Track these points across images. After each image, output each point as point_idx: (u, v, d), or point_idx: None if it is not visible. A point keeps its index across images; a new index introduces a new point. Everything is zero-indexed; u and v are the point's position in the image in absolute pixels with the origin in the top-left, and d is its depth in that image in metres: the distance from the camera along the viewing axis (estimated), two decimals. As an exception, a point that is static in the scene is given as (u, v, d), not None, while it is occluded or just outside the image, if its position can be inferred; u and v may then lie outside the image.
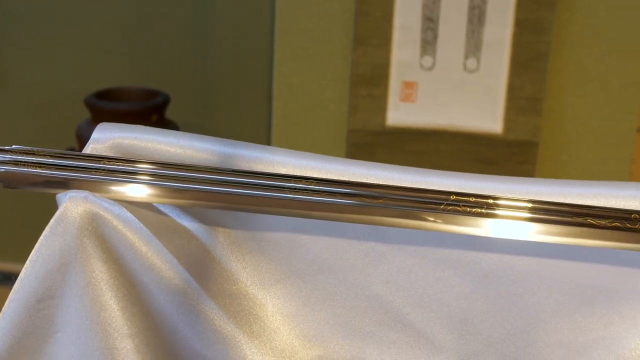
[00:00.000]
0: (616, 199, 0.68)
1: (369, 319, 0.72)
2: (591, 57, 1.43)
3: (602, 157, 1.50)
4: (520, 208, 0.66)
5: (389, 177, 0.70)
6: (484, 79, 1.39)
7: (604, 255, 0.69)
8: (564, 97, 1.46)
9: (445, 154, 1.43)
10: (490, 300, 0.71)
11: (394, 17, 1.38)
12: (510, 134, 1.41)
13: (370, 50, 1.39)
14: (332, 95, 1.45)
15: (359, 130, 1.42)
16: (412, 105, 1.41)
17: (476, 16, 1.37)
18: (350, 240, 0.71)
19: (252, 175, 0.67)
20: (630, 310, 0.69)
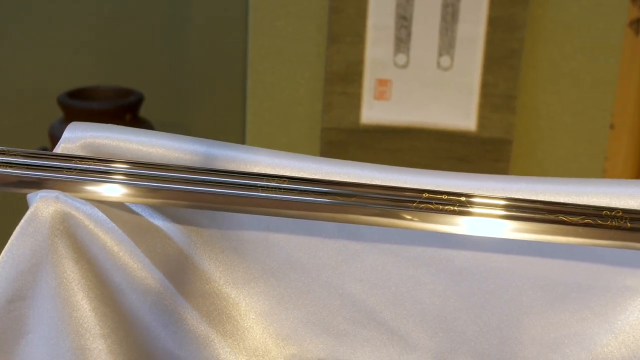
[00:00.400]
0: (588, 196, 0.68)
1: (342, 317, 0.72)
2: (564, 54, 1.44)
3: (575, 154, 1.51)
4: (494, 205, 0.66)
5: (362, 175, 0.70)
6: (458, 77, 1.40)
7: (576, 252, 0.70)
8: (537, 94, 1.46)
9: (419, 151, 1.43)
10: (464, 297, 0.71)
11: (367, 15, 1.38)
12: (484, 132, 1.41)
13: (344, 48, 1.39)
14: (306, 93, 1.45)
15: (333, 129, 1.42)
16: (386, 103, 1.41)
17: (449, 14, 1.38)
18: (323, 238, 0.71)
19: (225, 174, 0.67)
20: (602, 306, 0.70)
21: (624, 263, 0.69)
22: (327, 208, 0.67)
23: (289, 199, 0.66)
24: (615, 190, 0.69)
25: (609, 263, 0.69)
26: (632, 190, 0.69)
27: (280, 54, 1.44)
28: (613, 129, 1.89)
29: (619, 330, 0.69)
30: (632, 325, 0.69)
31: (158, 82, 1.83)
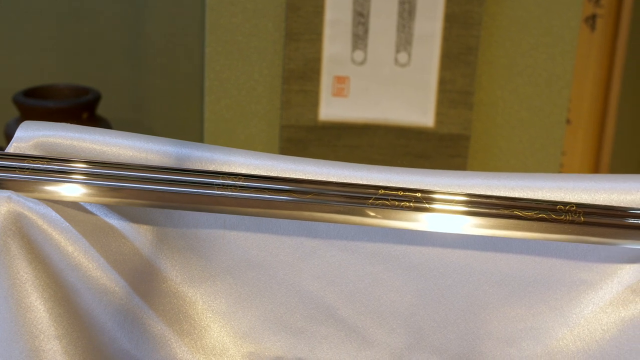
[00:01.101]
0: (542, 191, 0.69)
1: (300, 314, 0.72)
2: (520, 50, 1.45)
3: (532, 149, 1.53)
4: (449, 201, 0.66)
5: (318, 172, 0.70)
6: (415, 73, 1.40)
7: (532, 247, 0.70)
8: (494, 90, 1.47)
9: (378, 148, 1.43)
10: (421, 293, 0.71)
11: (324, 12, 1.38)
12: (442, 128, 1.42)
13: (301, 45, 1.38)
14: (264, 90, 1.45)
15: (292, 126, 1.42)
16: (344, 99, 1.41)
17: (406, 10, 1.38)
18: (279, 236, 0.71)
19: (180, 172, 0.66)
20: (557, 300, 0.70)
21: (578, 257, 0.70)
22: (283, 205, 0.66)
23: (245, 197, 0.66)
24: (569, 185, 0.69)
25: (563, 257, 0.70)
26: (585, 184, 0.69)
27: (237, 51, 1.43)
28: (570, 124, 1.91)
29: (573, 323, 0.70)
30: (587, 319, 0.70)
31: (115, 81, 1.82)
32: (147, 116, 1.82)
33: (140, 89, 1.81)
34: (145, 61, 1.78)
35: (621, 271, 0.69)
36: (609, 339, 0.68)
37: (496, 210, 0.67)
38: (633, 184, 0.68)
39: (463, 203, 0.66)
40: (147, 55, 1.77)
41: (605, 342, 0.69)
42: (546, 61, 1.46)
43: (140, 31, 1.76)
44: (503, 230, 0.67)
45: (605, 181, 0.69)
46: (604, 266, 0.69)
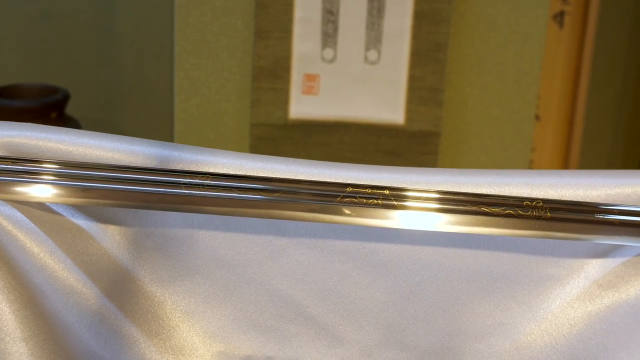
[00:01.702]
0: (509, 187, 0.69)
1: (269, 313, 0.72)
2: (489, 47, 1.46)
3: (502, 145, 1.54)
4: (416, 198, 0.67)
5: (286, 170, 0.70)
6: (385, 71, 1.40)
7: (499, 243, 0.71)
8: (463, 88, 1.48)
9: (348, 145, 1.43)
10: (390, 290, 0.71)
11: (294, 10, 1.37)
12: (412, 125, 1.43)
13: (271, 43, 1.38)
14: (234, 89, 1.44)
15: (262, 124, 1.41)
16: (315, 97, 1.41)
17: (376, 8, 1.38)
18: (248, 234, 0.70)
19: (146, 172, 0.66)
20: (525, 295, 0.71)
21: (545, 252, 0.70)
22: (251, 204, 0.66)
23: (213, 196, 0.66)
24: (536, 181, 0.70)
25: (531, 253, 0.70)
26: (552, 180, 0.70)
27: (207, 49, 1.43)
28: (539, 120, 1.93)
29: (541, 318, 0.70)
30: (554, 313, 0.70)
31: (85, 80, 1.80)
32: (117, 115, 1.81)
33: (110, 88, 1.80)
34: (115, 60, 1.77)
35: (588, 266, 0.70)
36: (576, 333, 0.69)
37: (464, 207, 0.67)
38: (598, 179, 0.69)
39: (431, 200, 0.67)
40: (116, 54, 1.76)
41: (573, 337, 0.69)
42: (514, 58, 1.47)
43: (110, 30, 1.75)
44: (471, 226, 0.67)
45: (571, 177, 0.70)
46: (570, 261, 0.70)
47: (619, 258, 0.69)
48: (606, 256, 0.69)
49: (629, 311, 0.67)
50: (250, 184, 0.67)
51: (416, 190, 0.67)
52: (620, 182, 0.69)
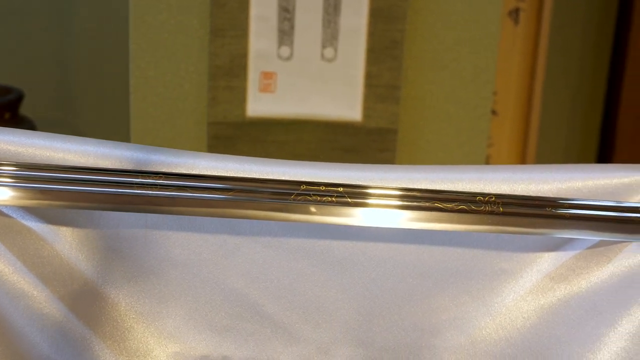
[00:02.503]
0: (463, 183, 0.70)
1: (225, 312, 0.71)
2: (445, 44, 1.47)
3: (459, 141, 1.55)
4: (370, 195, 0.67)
5: (240, 169, 0.69)
6: (342, 68, 1.41)
7: (453, 238, 0.71)
8: (420, 84, 1.49)
9: (306, 143, 1.43)
10: (345, 287, 0.71)
11: (250, 8, 1.37)
12: (370, 122, 1.43)
13: (227, 41, 1.38)
14: (190, 87, 1.43)
15: (219, 123, 1.41)
16: (272, 95, 1.41)
17: (332, 6, 1.38)
18: (202, 234, 0.70)
19: (98, 172, 0.65)
20: (479, 290, 0.71)
21: (498, 247, 0.71)
22: (204, 203, 0.66)
23: (166, 196, 0.65)
24: (488, 176, 0.70)
25: (484, 247, 0.71)
26: (504, 175, 0.70)
27: (163, 48, 1.42)
28: (496, 116, 1.94)
29: (495, 312, 0.71)
30: (508, 307, 0.71)
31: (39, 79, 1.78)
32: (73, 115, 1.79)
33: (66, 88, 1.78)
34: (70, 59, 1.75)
35: (540, 259, 0.70)
36: (529, 326, 0.70)
37: (417, 203, 0.67)
38: (550, 174, 0.70)
39: (384, 197, 0.67)
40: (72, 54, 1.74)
41: (526, 330, 0.70)
42: (470, 55, 1.48)
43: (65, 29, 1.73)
44: (424, 222, 0.67)
45: (523, 172, 0.70)
46: (523, 255, 0.71)
47: (571, 251, 0.70)
48: (558, 249, 0.70)
49: (580, 303, 0.68)
50: (203, 183, 0.66)
51: (369, 187, 0.67)
52: (571, 176, 0.69)
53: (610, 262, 0.67)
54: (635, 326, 0.66)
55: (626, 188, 0.69)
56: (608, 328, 0.66)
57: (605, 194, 0.69)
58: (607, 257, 0.67)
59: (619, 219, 0.66)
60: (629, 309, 0.66)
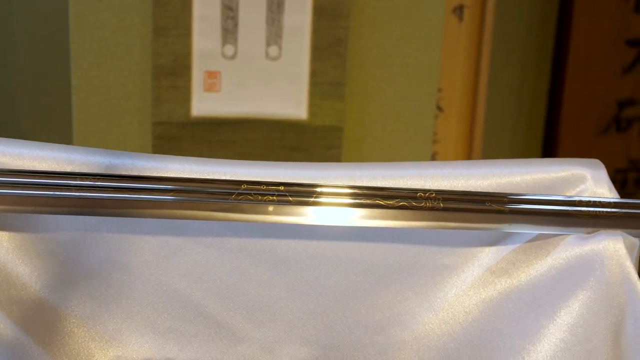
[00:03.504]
0: (403, 179, 0.70)
1: (167, 314, 0.71)
2: (389, 41, 1.48)
3: (405, 138, 1.55)
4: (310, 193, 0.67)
5: (180, 169, 0.69)
6: (287, 66, 1.40)
7: (395, 235, 0.71)
8: (365, 81, 1.49)
9: (252, 142, 1.43)
10: (289, 286, 0.71)
11: (192, 7, 1.36)
12: (316, 120, 1.43)
13: (170, 40, 1.36)
14: (134, 87, 1.42)
15: (164, 123, 1.40)
16: (217, 94, 1.40)
17: (275, 4, 1.38)
18: (143, 235, 0.69)
19: (32, 175, 0.64)
20: (422, 286, 0.72)
21: (440, 242, 0.71)
22: (144, 204, 0.65)
23: (105, 198, 0.65)
24: (429, 172, 0.71)
25: (426, 243, 0.72)
26: (444, 171, 0.71)
27: (104, 47, 1.40)
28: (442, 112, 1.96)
29: (438, 307, 0.72)
30: (450, 302, 0.71)
31: (-21, 81, 1.75)
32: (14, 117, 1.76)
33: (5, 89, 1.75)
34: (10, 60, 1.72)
35: (481, 254, 0.71)
36: (471, 320, 0.70)
37: (358, 200, 0.67)
38: (489, 169, 0.71)
39: (325, 195, 0.67)
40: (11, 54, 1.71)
41: (468, 324, 0.71)
42: (414, 51, 1.49)
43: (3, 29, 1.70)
44: (366, 219, 0.67)
45: (463, 168, 0.71)
46: (464, 250, 0.71)
47: (511, 245, 0.70)
48: (498, 244, 0.71)
49: (520, 296, 0.69)
50: (143, 184, 0.66)
51: (310, 185, 0.67)
52: (509, 171, 0.70)
53: (549, 255, 0.68)
54: (573, 318, 0.67)
55: (563, 182, 0.70)
56: (547, 320, 0.67)
57: (544, 188, 0.70)
58: (546, 251, 0.68)
59: (557, 213, 0.67)
60: (567, 300, 0.67)
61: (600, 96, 1.97)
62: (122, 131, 1.43)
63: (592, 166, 0.70)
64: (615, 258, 0.66)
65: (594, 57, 1.94)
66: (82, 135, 1.42)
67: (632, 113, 1.97)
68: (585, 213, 0.67)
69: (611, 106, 1.97)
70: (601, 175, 0.70)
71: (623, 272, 0.66)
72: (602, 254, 0.66)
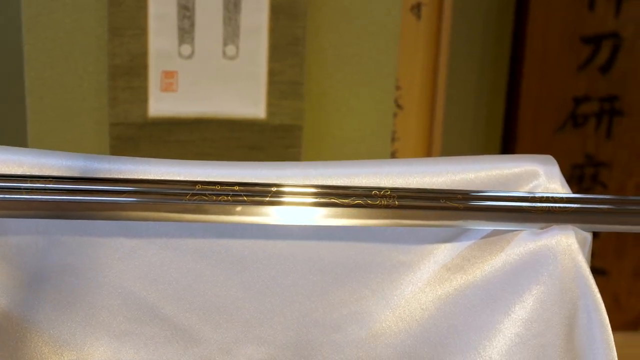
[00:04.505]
0: (358, 177, 0.70)
1: (123, 317, 0.70)
2: (346, 39, 1.48)
3: (364, 136, 1.56)
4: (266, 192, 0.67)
5: (134, 170, 0.68)
6: (244, 66, 1.40)
7: (352, 233, 0.72)
8: (323, 80, 1.49)
9: (210, 142, 1.42)
10: (246, 286, 0.71)
11: (148, 6, 1.35)
12: (274, 119, 1.43)
13: (126, 40, 1.35)
14: (90, 87, 1.40)
15: (121, 123, 1.38)
16: (174, 94, 1.39)
17: (232, 3, 1.37)
18: (97, 237, 0.69)
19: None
20: (378, 283, 0.72)
21: (396, 240, 0.72)
22: (97, 207, 0.65)
23: (56, 200, 0.64)
24: (384, 170, 0.71)
25: (382, 241, 0.72)
26: (399, 169, 0.71)
27: (59, 48, 1.38)
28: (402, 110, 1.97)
29: (395, 305, 0.72)
30: (407, 299, 0.72)
31: None
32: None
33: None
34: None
35: (437, 251, 0.71)
36: (427, 317, 0.71)
37: (314, 199, 0.67)
38: (443, 166, 0.71)
39: (280, 194, 0.67)
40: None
41: (425, 321, 0.71)
42: (371, 50, 1.49)
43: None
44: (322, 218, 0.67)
45: (418, 165, 0.71)
46: (420, 247, 0.72)
47: (466, 241, 0.71)
48: (453, 240, 0.71)
49: (475, 292, 0.69)
50: (95, 186, 0.65)
51: (265, 184, 0.67)
52: (463, 168, 0.71)
53: (503, 251, 0.69)
54: (527, 312, 0.67)
55: (517, 178, 0.71)
56: (502, 315, 0.68)
57: (498, 184, 0.70)
58: (500, 246, 0.69)
59: (511, 209, 0.68)
60: (522, 295, 0.68)
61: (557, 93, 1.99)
62: (79, 132, 1.42)
63: (544, 162, 0.71)
64: (567, 253, 0.67)
65: (550, 55, 1.96)
66: (37, 137, 1.40)
67: (587, 109, 2.00)
68: (538, 209, 0.68)
69: (568, 103, 1.99)
70: (554, 171, 0.71)
71: (575, 266, 0.67)
72: (555, 249, 0.67)
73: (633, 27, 1.94)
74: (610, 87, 1.97)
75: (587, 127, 2.00)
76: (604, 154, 2.02)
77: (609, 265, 2.05)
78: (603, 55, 1.96)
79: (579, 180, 2.04)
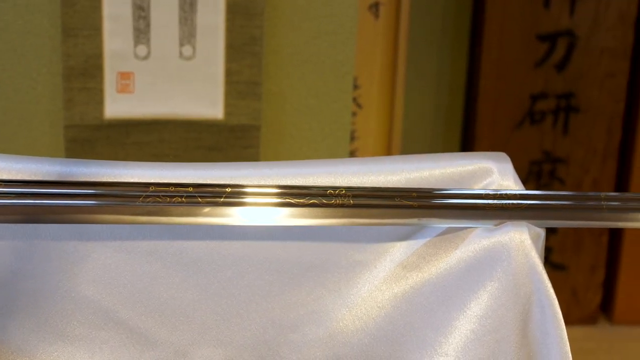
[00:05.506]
0: (313, 177, 0.71)
1: (77, 321, 0.69)
2: (303, 39, 1.48)
3: (322, 135, 1.56)
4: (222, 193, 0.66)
5: (87, 172, 0.68)
6: (201, 66, 1.39)
7: (307, 232, 0.71)
8: (281, 79, 1.49)
9: (168, 143, 1.41)
10: (202, 287, 0.71)
11: (102, 6, 1.34)
12: (232, 119, 1.42)
13: (80, 41, 1.34)
14: (44, 90, 1.39)
15: (76, 126, 1.37)
16: (130, 96, 1.38)
17: (187, 3, 1.37)
18: (49, 241, 0.68)
19: None
20: (335, 282, 0.72)
21: (352, 239, 0.72)
22: (49, 210, 0.64)
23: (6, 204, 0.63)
24: (339, 170, 0.71)
25: (339, 240, 0.72)
26: (354, 168, 0.71)
27: (11, 50, 1.36)
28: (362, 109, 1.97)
29: (352, 304, 0.72)
30: (364, 298, 0.72)
31: None
32: None
33: None
34: None
35: (393, 249, 0.72)
36: (384, 315, 0.71)
37: (269, 199, 0.67)
38: (398, 165, 0.71)
39: (236, 195, 0.67)
40: None
41: (381, 319, 0.71)
42: (329, 49, 1.49)
43: None
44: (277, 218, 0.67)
45: (373, 164, 0.72)
46: (376, 246, 0.72)
47: (421, 239, 0.71)
48: (409, 238, 0.71)
49: (431, 290, 0.70)
50: (47, 189, 0.65)
51: (220, 185, 0.67)
52: (418, 166, 0.71)
53: (458, 248, 0.69)
54: (482, 309, 0.68)
55: (471, 175, 0.71)
56: (458, 312, 0.68)
57: (452, 182, 0.71)
58: (455, 244, 0.69)
59: (465, 206, 0.68)
60: (476, 292, 0.68)
61: (515, 90, 2.01)
62: (33, 136, 1.40)
63: (498, 159, 0.72)
64: (521, 249, 0.68)
65: (507, 52, 1.98)
66: (-9, 141, 1.38)
67: (544, 106, 2.02)
68: (492, 205, 0.68)
69: (525, 100, 2.01)
70: (507, 168, 0.71)
71: (529, 262, 0.68)
72: (509, 245, 0.68)
73: (587, 25, 1.97)
74: (566, 84, 2.00)
75: (544, 123, 2.03)
76: (561, 150, 2.04)
77: (567, 260, 2.08)
78: (559, 53, 1.98)
79: (537, 177, 2.06)
